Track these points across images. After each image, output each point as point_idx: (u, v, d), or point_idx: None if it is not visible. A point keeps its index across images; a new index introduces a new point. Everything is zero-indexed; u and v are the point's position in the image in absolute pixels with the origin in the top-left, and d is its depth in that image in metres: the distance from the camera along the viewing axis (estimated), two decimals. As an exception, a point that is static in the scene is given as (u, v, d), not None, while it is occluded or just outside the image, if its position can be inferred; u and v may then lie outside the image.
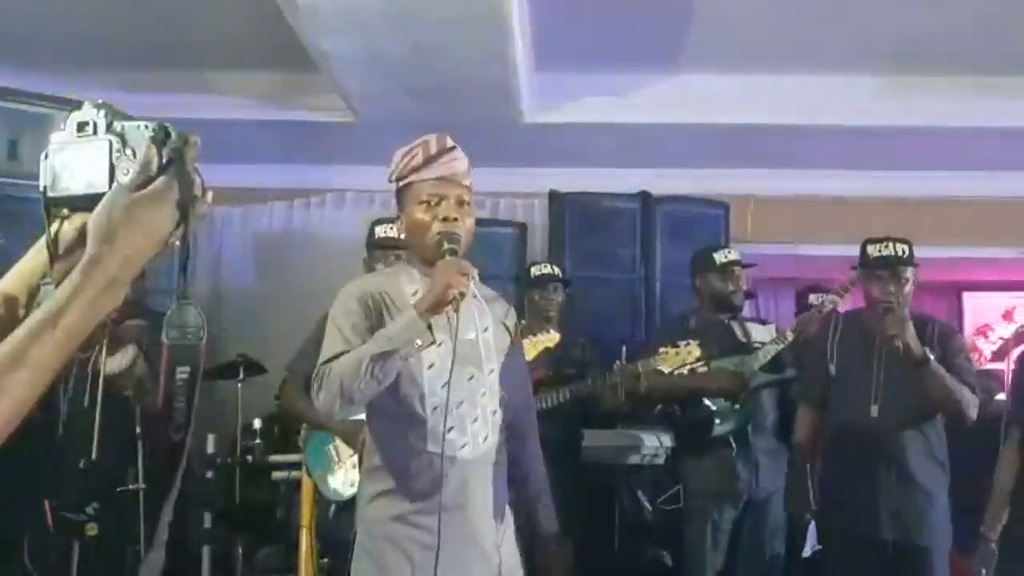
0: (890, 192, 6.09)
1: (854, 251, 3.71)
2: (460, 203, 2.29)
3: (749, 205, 6.08)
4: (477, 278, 2.29)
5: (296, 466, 4.26)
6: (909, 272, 3.51)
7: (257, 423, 4.91)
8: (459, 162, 2.33)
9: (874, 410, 3.47)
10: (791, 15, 4.60)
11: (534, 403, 2.70)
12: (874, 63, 5.07)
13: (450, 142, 2.34)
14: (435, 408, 2.24)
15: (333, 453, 3.64)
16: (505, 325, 2.46)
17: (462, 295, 2.13)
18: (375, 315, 2.28)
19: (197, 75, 5.26)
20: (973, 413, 3.41)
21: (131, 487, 3.82)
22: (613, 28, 4.76)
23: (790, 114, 5.28)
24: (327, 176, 6.19)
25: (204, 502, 4.84)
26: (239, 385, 4.97)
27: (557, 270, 4.48)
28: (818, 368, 3.69)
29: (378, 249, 3.74)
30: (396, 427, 2.30)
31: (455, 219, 2.26)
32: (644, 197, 5.82)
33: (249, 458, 4.85)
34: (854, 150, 5.75)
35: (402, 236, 2.43)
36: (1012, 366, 3.61)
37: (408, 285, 2.33)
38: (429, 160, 2.30)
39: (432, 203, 2.28)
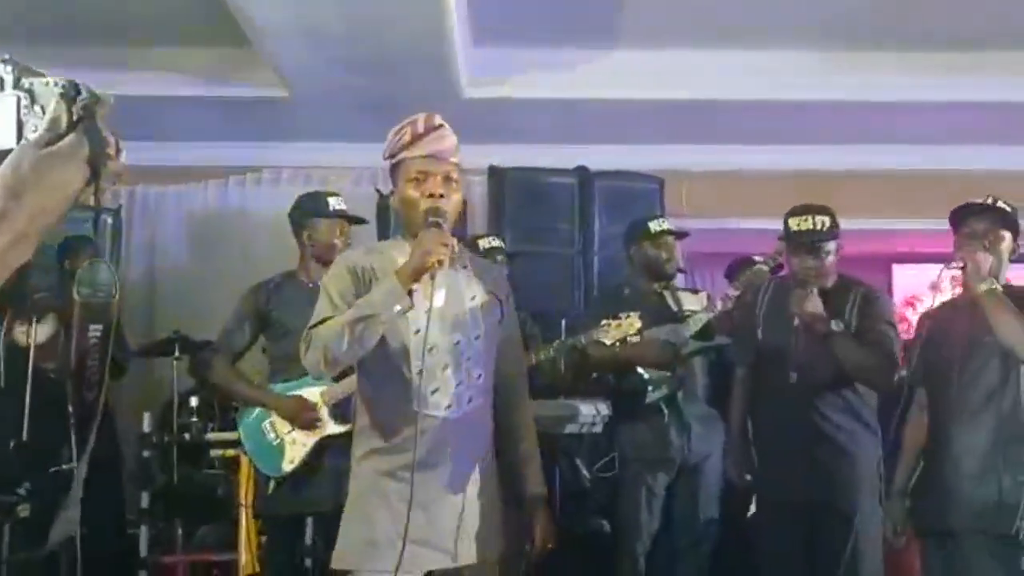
0: (821, 165, 6.18)
1: (786, 223, 3.73)
2: (447, 179, 2.43)
3: (684, 180, 6.13)
4: (459, 249, 2.47)
5: (234, 443, 4.24)
6: (831, 245, 3.51)
7: (194, 401, 4.86)
8: (446, 140, 2.45)
9: (792, 376, 3.51)
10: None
11: (525, 369, 2.82)
12: (804, 39, 5.13)
13: (437, 120, 2.46)
14: (420, 370, 2.36)
15: (270, 429, 3.62)
16: (495, 294, 2.58)
17: (440, 263, 2.26)
18: (364, 285, 2.42)
19: (129, 51, 5.14)
20: (889, 380, 3.43)
21: (64, 467, 3.77)
22: (551, 3, 4.77)
23: (724, 89, 5.34)
24: (262, 153, 6.11)
25: (141, 481, 4.79)
26: (174, 363, 4.91)
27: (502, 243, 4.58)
28: (750, 333, 3.74)
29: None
30: (384, 388, 2.45)
31: (441, 195, 2.40)
32: (582, 172, 5.85)
33: (186, 436, 4.81)
34: (786, 124, 5.82)
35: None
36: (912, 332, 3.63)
37: (400, 257, 2.42)
38: (417, 138, 2.43)
39: (420, 180, 2.41)
